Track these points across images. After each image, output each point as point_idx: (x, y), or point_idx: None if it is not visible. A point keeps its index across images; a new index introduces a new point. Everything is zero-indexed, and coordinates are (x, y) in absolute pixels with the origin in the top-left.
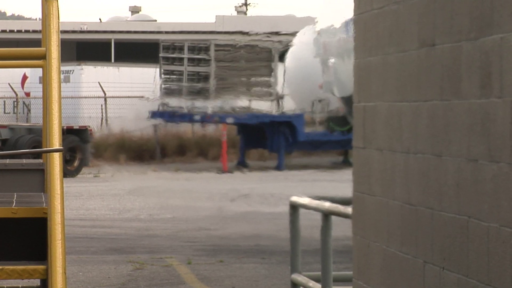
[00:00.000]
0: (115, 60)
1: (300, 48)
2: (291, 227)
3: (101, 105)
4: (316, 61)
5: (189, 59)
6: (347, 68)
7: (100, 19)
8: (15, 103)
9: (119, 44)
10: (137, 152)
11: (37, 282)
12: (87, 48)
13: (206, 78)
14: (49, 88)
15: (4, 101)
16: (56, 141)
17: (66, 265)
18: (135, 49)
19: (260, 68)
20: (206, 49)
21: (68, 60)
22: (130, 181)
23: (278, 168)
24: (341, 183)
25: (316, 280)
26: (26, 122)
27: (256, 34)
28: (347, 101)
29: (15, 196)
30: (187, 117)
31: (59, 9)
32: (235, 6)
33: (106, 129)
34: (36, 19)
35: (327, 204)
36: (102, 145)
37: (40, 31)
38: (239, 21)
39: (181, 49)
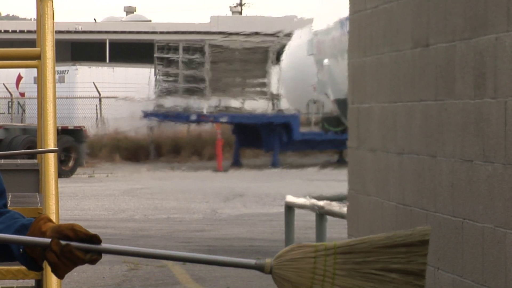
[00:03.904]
0: (110, 60)
1: (296, 49)
2: (286, 227)
3: (96, 105)
4: (311, 62)
5: (184, 60)
6: (340, 69)
7: (95, 19)
8: (10, 103)
9: (114, 44)
10: (132, 152)
11: (31, 282)
12: (82, 48)
13: (201, 78)
14: (44, 88)
15: None
16: (51, 142)
17: None
18: (130, 49)
19: (255, 68)
20: (201, 50)
21: (63, 60)
22: (125, 181)
23: (273, 167)
24: (336, 182)
25: None
26: (21, 122)
27: (251, 35)
28: (341, 102)
29: (10, 196)
30: (182, 117)
31: (54, 9)
32: (230, 6)
33: (101, 129)
34: (31, 19)
35: (321, 204)
36: (97, 145)
37: (35, 32)
38: (234, 21)
39: (176, 49)
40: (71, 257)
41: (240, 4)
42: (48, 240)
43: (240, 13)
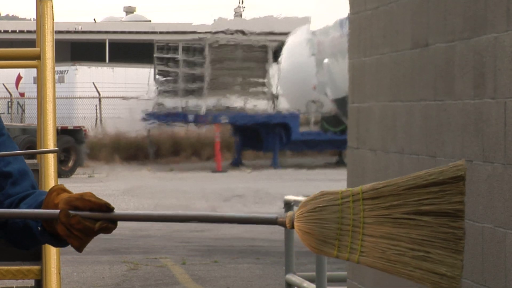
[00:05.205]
0: (110, 60)
1: (294, 48)
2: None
3: (96, 106)
4: (310, 62)
5: (184, 60)
6: (340, 68)
7: (94, 19)
8: (10, 103)
9: (114, 45)
10: (132, 152)
11: (31, 282)
12: (82, 49)
13: (200, 78)
14: (44, 88)
15: None
16: (50, 142)
17: (61, 265)
18: (129, 50)
19: (255, 68)
20: (201, 49)
21: (63, 61)
22: (125, 181)
23: (273, 167)
24: (335, 182)
25: (311, 280)
26: (21, 123)
27: (251, 34)
28: (341, 102)
29: None
30: (182, 117)
31: (53, 10)
32: (234, 9)
33: (100, 130)
34: (30, 19)
35: None
36: (96, 146)
37: (34, 32)
38: (235, 22)
39: (175, 49)
40: (81, 228)
41: (241, 6)
42: (57, 211)
43: (240, 15)
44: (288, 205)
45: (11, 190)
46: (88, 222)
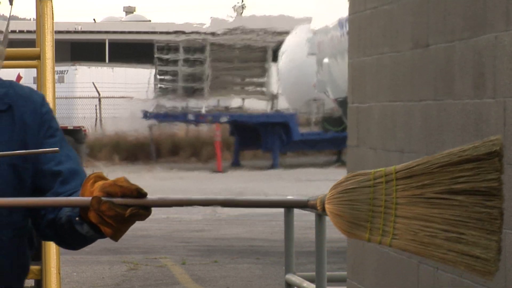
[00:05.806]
0: (110, 60)
1: (294, 48)
2: (286, 227)
3: (96, 106)
4: (310, 61)
5: (184, 60)
6: (341, 68)
7: (94, 20)
8: None
9: (114, 45)
10: (132, 152)
11: (31, 282)
12: (82, 49)
13: (200, 77)
14: (44, 88)
15: None
16: None
17: (60, 265)
18: (129, 50)
19: (255, 67)
20: (201, 49)
21: (62, 61)
22: None
23: (273, 167)
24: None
25: (311, 280)
26: None
27: (250, 32)
28: (341, 101)
29: None
30: (181, 117)
31: (53, 10)
32: (234, 6)
33: (100, 130)
34: (30, 19)
35: None
36: (96, 146)
37: (34, 32)
38: (234, 22)
39: (175, 49)
40: (112, 215)
41: (242, 6)
42: (89, 198)
43: (241, 13)
44: None
45: (60, 189)
46: (119, 208)
